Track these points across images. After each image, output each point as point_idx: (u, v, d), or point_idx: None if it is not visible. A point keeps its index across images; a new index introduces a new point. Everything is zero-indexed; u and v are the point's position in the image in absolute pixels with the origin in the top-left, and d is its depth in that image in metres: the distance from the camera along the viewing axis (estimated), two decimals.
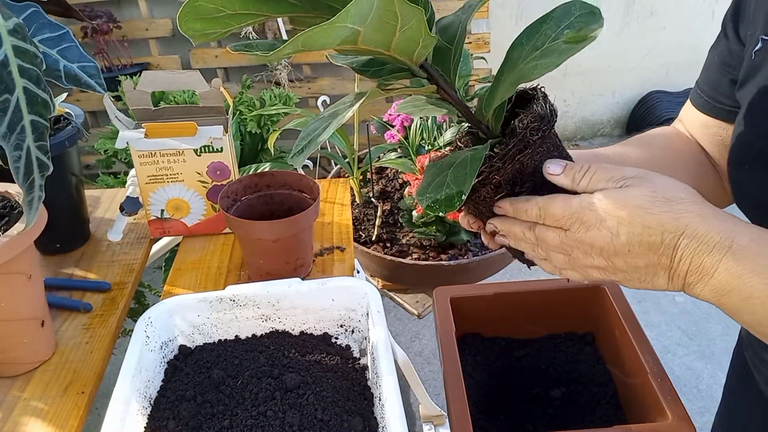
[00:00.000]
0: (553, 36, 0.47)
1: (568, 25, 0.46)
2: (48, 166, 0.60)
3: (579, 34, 0.45)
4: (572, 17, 0.47)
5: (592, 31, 0.45)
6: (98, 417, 0.65)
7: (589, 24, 0.46)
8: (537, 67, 0.46)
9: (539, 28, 0.49)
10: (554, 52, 0.46)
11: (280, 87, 2.46)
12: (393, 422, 0.62)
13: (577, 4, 0.47)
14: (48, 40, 0.67)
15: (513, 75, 0.48)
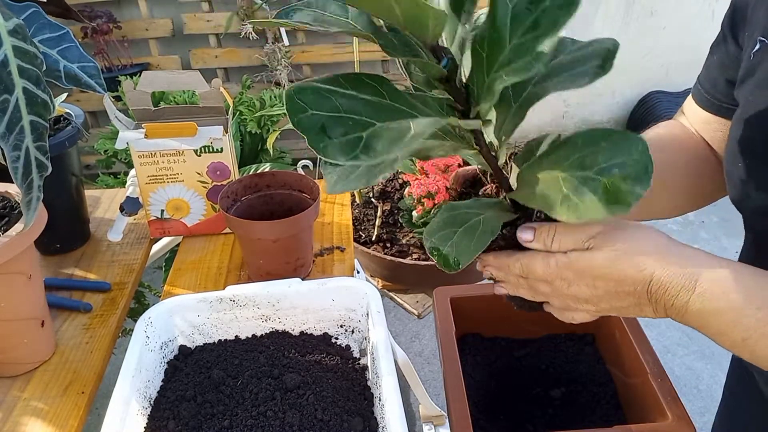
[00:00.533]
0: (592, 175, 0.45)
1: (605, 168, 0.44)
2: (47, 166, 0.60)
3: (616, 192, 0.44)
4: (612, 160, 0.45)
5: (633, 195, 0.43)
6: (98, 417, 0.65)
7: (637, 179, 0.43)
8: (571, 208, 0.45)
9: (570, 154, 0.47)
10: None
11: (280, 87, 2.46)
12: (393, 422, 0.62)
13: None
14: (48, 40, 0.67)
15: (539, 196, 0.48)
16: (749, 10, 0.62)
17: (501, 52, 0.44)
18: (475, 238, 0.51)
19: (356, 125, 0.41)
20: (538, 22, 0.42)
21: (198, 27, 2.48)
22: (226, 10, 2.45)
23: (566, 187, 0.45)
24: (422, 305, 1.35)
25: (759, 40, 0.58)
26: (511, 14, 0.43)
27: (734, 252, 2.49)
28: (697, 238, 2.44)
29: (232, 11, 2.42)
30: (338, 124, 0.41)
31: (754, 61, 0.59)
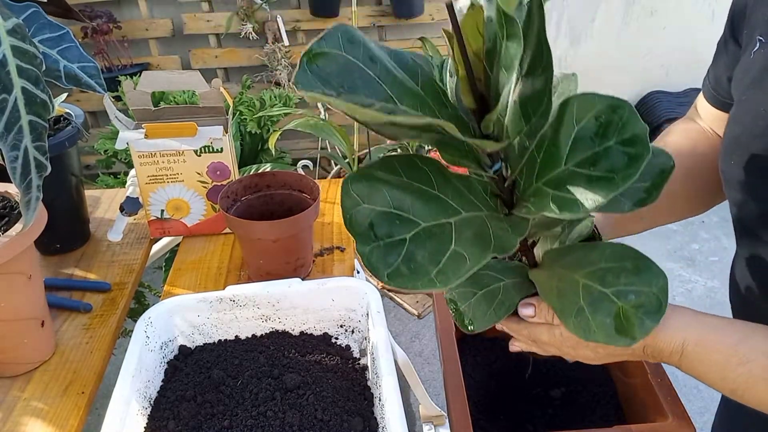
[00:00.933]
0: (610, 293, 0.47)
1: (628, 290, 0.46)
2: (46, 166, 0.60)
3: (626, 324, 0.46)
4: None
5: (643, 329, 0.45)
6: (98, 417, 0.65)
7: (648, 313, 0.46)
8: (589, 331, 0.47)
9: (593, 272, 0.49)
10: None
11: (280, 87, 2.46)
12: (393, 422, 0.62)
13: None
14: (48, 40, 0.67)
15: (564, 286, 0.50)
16: (748, 10, 0.62)
17: (554, 169, 0.43)
18: (492, 308, 0.54)
19: (402, 224, 0.42)
20: (596, 161, 0.42)
21: (198, 27, 2.48)
22: (226, 10, 2.45)
23: (584, 298, 0.47)
24: (422, 305, 1.35)
25: (758, 39, 0.59)
26: (573, 137, 0.43)
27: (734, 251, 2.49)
28: (697, 238, 2.44)
29: (232, 11, 2.42)
30: (385, 222, 0.42)
31: (752, 60, 0.59)
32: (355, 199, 0.41)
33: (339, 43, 0.39)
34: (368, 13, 2.48)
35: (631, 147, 0.40)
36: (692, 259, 2.35)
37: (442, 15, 2.53)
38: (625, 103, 0.42)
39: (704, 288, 2.21)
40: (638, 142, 0.40)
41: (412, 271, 0.40)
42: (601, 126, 0.42)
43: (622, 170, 0.40)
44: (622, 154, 0.41)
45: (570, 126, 0.43)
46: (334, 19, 2.47)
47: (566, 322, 0.48)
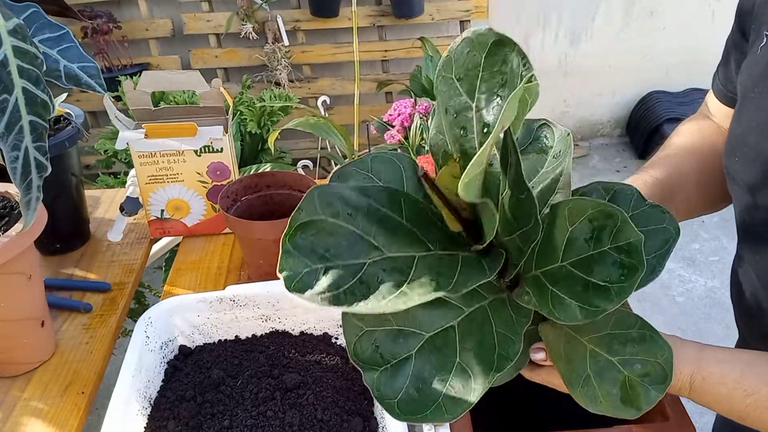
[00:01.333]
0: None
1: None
2: (46, 167, 0.60)
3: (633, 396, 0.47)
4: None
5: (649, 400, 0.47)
6: (98, 417, 0.65)
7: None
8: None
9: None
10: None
11: (280, 87, 2.46)
12: (393, 422, 0.62)
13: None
14: (48, 40, 0.67)
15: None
16: (756, 8, 0.62)
17: (551, 262, 0.45)
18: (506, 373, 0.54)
19: (406, 340, 0.43)
20: (592, 266, 0.42)
21: (198, 27, 2.48)
22: (226, 10, 2.45)
23: (591, 366, 0.48)
24: None
25: (765, 35, 0.59)
26: (567, 237, 0.44)
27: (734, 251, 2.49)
28: (698, 238, 2.44)
29: (232, 11, 2.42)
30: (389, 341, 0.43)
31: (759, 56, 0.59)
32: (356, 326, 0.43)
33: (316, 208, 0.41)
34: (368, 13, 2.49)
35: (627, 256, 0.41)
36: (692, 259, 2.35)
37: (442, 15, 2.54)
38: (617, 210, 0.42)
39: (704, 288, 2.21)
40: (633, 251, 0.41)
41: (421, 393, 0.42)
42: (595, 230, 0.43)
43: (617, 282, 0.41)
44: (617, 264, 0.41)
45: (564, 228, 0.44)
46: (334, 19, 2.47)
47: (573, 392, 0.49)
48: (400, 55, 2.57)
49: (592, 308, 0.41)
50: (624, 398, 0.47)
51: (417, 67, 1.99)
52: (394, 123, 1.55)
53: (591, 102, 3.07)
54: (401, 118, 1.54)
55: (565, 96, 3.05)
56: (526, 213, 0.42)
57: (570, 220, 0.44)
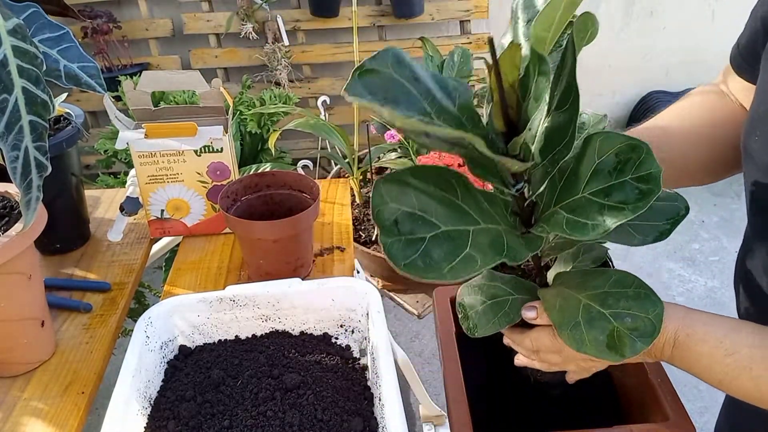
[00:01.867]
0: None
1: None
2: (46, 166, 0.60)
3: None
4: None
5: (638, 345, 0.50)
6: (98, 417, 0.65)
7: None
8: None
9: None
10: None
11: (280, 87, 2.46)
12: (393, 422, 0.62)
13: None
14: (48, 40, 0.67)
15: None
16: None
17: (572, 195, 0.48)
18: (497, 317, 0.58)
19: (424, 225, 0.46)
20: (610, 191, 0.46)
21: (198, 27, 2.48)
22: (226, 10, 2.45)
23: (582, 315, 0.52)
24: (422, 305, 1.35)
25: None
26: (593, 169, 0.47)
27: (734, 251, 2.49)
28: (698, 238, 2.44)
29: (232, 11, 2.42)
30: (409, 221, 0.46)
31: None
32: (383, 198, 0.45)
33: (388, 63, 0.42)
34: (368, 13, 2.48)
35: (645, 183, 0.45)
36: (692, 259, 2.35)
37: (442, 15, 2.54)
38: (644, 144, 0.46)
39: (704, 288, 2.21)
40: (652, 179, 0.45)
41: (426, 265, 0.44)
42: (620, 162, 0.46)
43: (632, 203, 0.45)
44: (634, 189, 0.45)
45: (591, 159, 0.48)
46: (334, 19, 2.47)
47: (561, 334, 0.52)
48: None
49: (604, 224, 0.45)
50: (609, 345, 0.50)
51: None
52: None
53: (591, 102, 3.07)
54: None
55: None
56: (565, 126, 0.46)
57: (599, 152, 0.47)
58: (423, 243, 0.45)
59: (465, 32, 2.59)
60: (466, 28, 2.58)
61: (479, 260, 0.45)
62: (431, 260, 0.44)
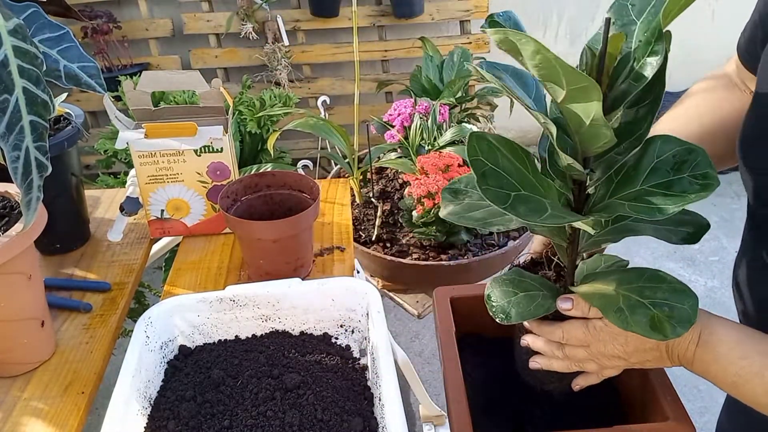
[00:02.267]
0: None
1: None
2: (47, 166, 0.60)
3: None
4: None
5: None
6: (98, 417, 0.65)
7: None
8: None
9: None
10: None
11: (280, 87, 2.46)
12: (393, 422, 0.62)
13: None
14: (48, 40, 0.67)
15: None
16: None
17: (629, 189, 0.54)
18: (534, 305, 0.61)
19: (507, 184, 0.52)
20: (670, 185, 0.51)
21: (198, 27, 2.48)
22: (226, 10, 2.45)
23: (623, 302, 0.55)
24: (422, 305, 1.35)
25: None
26: (652, 167, 0.53)
27: (734, 251, 2.49)
28: None
29: (232, 11, 2.42)
30: (495, 177, 0.52)
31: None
32: (476, 150, 0.52)
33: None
34: (368, 13, 2.49)
35: (704, 179, 0.50)
36: (692, 259, 2.35)
37: (442, 15, 2.54)
38: (700, 148, 0.51)
39: (704, 288, 2.21)
40: (709, 176, 0.50)
41: (514, 214, 0.50)
42: (677, 163, 0.52)
43: (694, 192, 0.50)
44: (694, 183, 0.50)
45: (651, 157, 0.53)
46: (334, 19, 2.47)
47: (607, 315, 0.54)
48: (400, 55, 2.57)
49: (669, 207, 0.49)
50: (653, 326, 0.53)
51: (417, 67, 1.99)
52: (394, 123, 1.55)
53: None
54: (401, 118, 1.54)
55: None
56: (642, 119, 0.51)
57: (659, 152, 0.53)
58: (509, 199, 0.51)
59: (465, 32, 2.59)
60: (466, 28, 2.58)
61: (562, 216, 0.50)
62: (518, 213, 0.50)
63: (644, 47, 0.49)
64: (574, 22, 2.80)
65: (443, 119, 1.55)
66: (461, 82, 1.79)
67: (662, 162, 0.52)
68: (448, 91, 1.78)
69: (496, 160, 0.52)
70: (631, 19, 0.53)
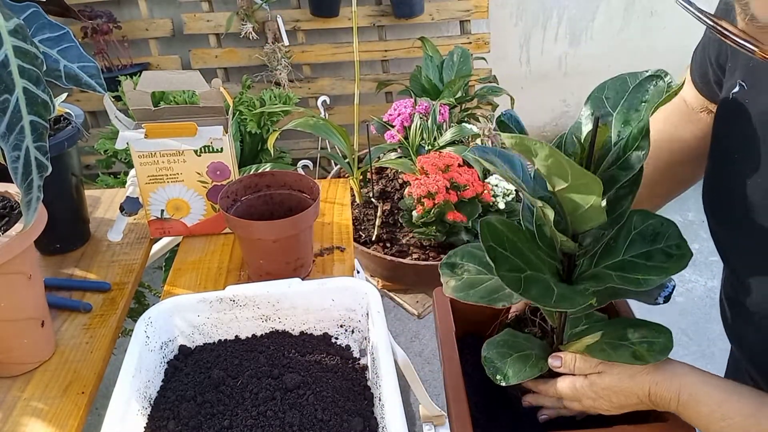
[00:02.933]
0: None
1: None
2: (47, 166, 0.60)
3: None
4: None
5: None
6: (98, 417, 0.65)
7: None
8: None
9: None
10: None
11: (280, 87, 2.46)
12: (393, 422, 0.62)
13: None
14: (48, 40, 0.67)
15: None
16: (731, 50, 0.63)
17: (613, 258, 0.61)
18: (528, 366, 0.66)
19: (515, 266, 0.58)
20: (650, 256, 0.59)
21: (198, 27, 2.48)
22: (226, 10, 2.45)
23: (606, 346, 0.62)
24: (422, 305, 1.35)
25: (739, 83, 0.61)
26: (631, 238, 0.60)
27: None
28: (698, 238, 2.44)
29: (232, 11, 2.42)
30: (504, 261, 0.58)
31: (733, 103, 0.62)
32: (487, 235, 0.58)
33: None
34: (368, 13, 2.49)
35: (678, 249, 0.58)
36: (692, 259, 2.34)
37: (442, 15, 2.54)
38: (671, 222, 0.59)
39: (704, 288, 2.21)
40: (682, 247, 0.58)
41: (527, 297, 0.56)
42: (653, 234, 0.60)
43: (672, 263, 0.57)
44: (670, 254, 0.58)
45: (629, 230, 0.60)
46: (334, 19, 2.47)
47: (594, 354, 0.61)
48: (400, 55, 2.57)
49: (653, 278, 0.56)
50: (634, 356, 0.59)
51: (417, 67, 1.99)
52: (394, 123, 1.55)
53: None
54: (401, 118, 1.54)
55: (565, 96, 3.04)
56: (623, 199, 0.59)
57: (636, 224, 0.60)
58: (521, 282, 0.57)
59: (465, 32, 2.59)
60: (466, 28, 2.58)
61: (572, 298, 0.56)
62: (530, 295, 0.56)
63: (632, 142, 0.55)
64: (574, 22, 2.80)
65: (443, 119, 1.55)
66: (461, 82, 1.79)
67: (639, 234, 0.60)
68: (448, 91, 1.78)
69: (503, 243, 0.59)
70: (608, 111, 0.60)
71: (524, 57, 2.87)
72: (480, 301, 0.64)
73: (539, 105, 3.04)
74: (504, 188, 1.37)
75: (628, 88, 0.59)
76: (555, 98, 3.04)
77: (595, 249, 0.62)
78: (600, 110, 0.60)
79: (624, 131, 0.58)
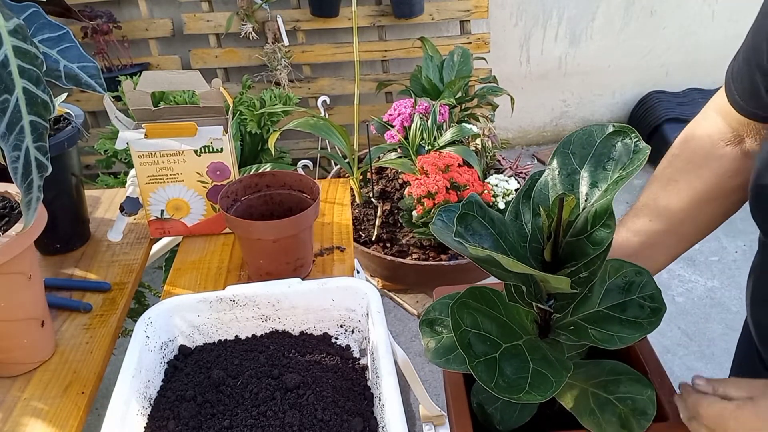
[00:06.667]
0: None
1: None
2: (47, 167, 0.60)
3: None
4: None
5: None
6: (98, 417, 0.65)
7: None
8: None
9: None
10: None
11: (280, 87, 2.46)
12: (393, 422, 0.62)
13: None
14: (48, 40, 0.67)
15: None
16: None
17: (588, 309, 0.61)
18: (518, 411, 0.66)
19: (491, 344, 0.56)
20: (625, 308, 0.59)
21: (198, 27, 2.48)
22: (226, 10, 2.45)
23: (593, 402, 0.60)
24: (422, 305, 1.35)
25: None
26: (605, 288, 0.61)
27: (734, 251, 2.50)
28: None
29: (232, 11, 2.42)
30: (480, 342, 0.56)
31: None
32: (459, 322, 0.56)
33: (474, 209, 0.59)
34: (368, 13, 2.49)
35: (651, 302, 0.58)
36: (692, 259, 2.35)
37: (442, 15, 2.54)
38: (645, 270, 0.61)
39: (704, 288, 2.21)
40: (656, 299, 0.58)
41: (508, 385, 0.53)
42: (627, 284, 0.60)
43: (646, 318, 0.58)
44: (645, 306, 0.59)
45: (603, 281, 0.61)
46: (334, 19, 2.47)
47: (582, 420, 0.60)
48: (400, 55, 2.57)
49: (628, 336, 0.57)
50: (621, 424, 0.58)
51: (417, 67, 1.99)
52: (394, 123, 1.55)
53: (591, 102, 3.07)
54: (401, 118, 1.54)
55: (565, 96, 3.05)
56: (596, 259, 0.56)
57: (610, 274, 0.61)
58: (496, 363, 0.54)
59: (465, 32, 2.59)
60: (466, 28, 2.58)
61: (548, 375, 0.54)
62: (507, 377, 0.53)
63: (597, 220, 0.55)
64: (574, 22, 2.80)
65: (443, 119, 1.55)
66: (461, 82, 1.79)
67: (614, 284, 0.61)
68: (448, 91, 1.78)
69: (476, 323, 0.57)
70: (575, 168, 0.59)
71: (524, 57, 2.87)
72: (460, 369, 0.63)
73: (539, 105, 3.04)
74: (504, 188, 1.37)
75: (595, 142, 0.58)
76: (555, 98, 3.04)
77: (570, 301, 0.62)
78: (567, 168, 0.59)
79: (591, 194, 0.57)
